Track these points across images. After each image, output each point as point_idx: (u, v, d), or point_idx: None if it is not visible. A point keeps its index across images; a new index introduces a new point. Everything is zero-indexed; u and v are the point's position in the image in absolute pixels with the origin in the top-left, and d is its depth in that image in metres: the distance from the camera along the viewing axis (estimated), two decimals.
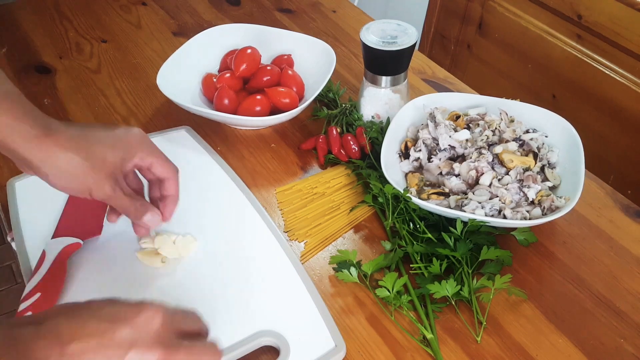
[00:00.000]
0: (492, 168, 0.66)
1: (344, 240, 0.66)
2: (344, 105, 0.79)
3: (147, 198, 0.59)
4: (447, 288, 0.57)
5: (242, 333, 0.54)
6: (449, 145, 0.68)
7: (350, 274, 0.59)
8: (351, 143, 0.73)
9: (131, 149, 0.54)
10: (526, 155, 0.67)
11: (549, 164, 0.68)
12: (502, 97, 0.74)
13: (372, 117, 0.77)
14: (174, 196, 0.57)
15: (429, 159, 0.68)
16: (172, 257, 0.61)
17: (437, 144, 0.69)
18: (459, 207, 0.63)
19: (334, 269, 0.61)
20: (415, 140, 0.71)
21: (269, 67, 0.82)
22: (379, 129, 0.74)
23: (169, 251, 0.61)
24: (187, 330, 0.42)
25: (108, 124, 0.55)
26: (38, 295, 0.54)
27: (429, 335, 0.55)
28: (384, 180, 0.65)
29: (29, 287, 0.55)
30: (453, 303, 0.58)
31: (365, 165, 0.71)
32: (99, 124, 0.55)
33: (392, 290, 0.56)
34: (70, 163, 0.49)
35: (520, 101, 0.74)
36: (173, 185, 0.57)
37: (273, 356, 0.54)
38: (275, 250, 0.62)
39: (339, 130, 0.75)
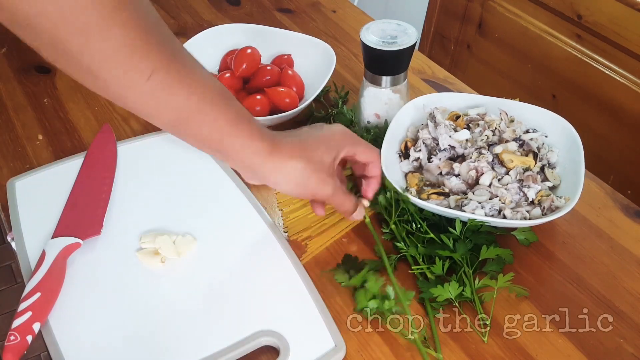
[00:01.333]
0: (492, 168, 0.66)
1: (344, 240, 0.66)
2: (330, 110, 0.79)
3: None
4: (450, 290, 0.56)
5: (242, 333, 0.54)
6: (449, 145, 0.68)
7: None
8: None
9: (339, 146, 0.59)
10: (526, 155, 0.67)
11: (548, 164, 0.68)
12: (502, 97, 0.74)
13: (368, 121, 0.77)
14: (377, 177, 0.64)
15: (429, 159, 0.68)
16: (171, 257, 0.61)
17: (437, 144, 0.69)
18: (459, 207, 0.63)
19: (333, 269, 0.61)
20: (415, 140, 0.71)
21: (269, 67, 0.82)
22: (375, 137, 0.73)
23: (168, 251, 0.61)
24: None
25: (312, 126, 0.60)
26: (38, 295, 0.55)
27: (411, 337, 0.54)
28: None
29: (28, 287, 0.55)
30: (457, 304, 0.58)
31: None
32: (305, 128, 0.59)
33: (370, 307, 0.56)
34: (296, 169, 0.55)
35: (520, 101, 0.74)
36: (376, 167, 0.63)
37: (273, 356, 0.54)
38: (275, 250, 0.62)
39: None
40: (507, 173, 0.65)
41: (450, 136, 0.68)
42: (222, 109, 0.50)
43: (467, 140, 0.68)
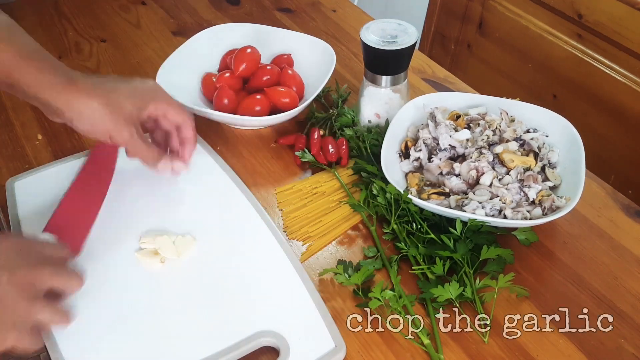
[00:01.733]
0: (493, 168, 0.66)
1: (344, 240, 0.65)
2: (331, 111, 0.79)
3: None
4: (451, 290, 0.56)
5: (242, 333, 0.54)
6: (450, 145, 0.68)
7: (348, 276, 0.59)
8: (330, 146, 0.73)
9: (146, 98, 0.60)
10: (527, 155, 0.67)
11: (549, 163, 0.68)
12: (502, 97, 0.74)
13: (369, 121, 0.77)
14: (190, 138, 0.64)
15: (429, 159, 0.68)
16: (171, 257, 0.61)
17: (438, 144, 0.69)
18: (460, 207, 0.63)
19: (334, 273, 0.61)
20: (415, 140, 0.71)
21: (268, 67, 0.82)
22: (376, 137, 0.73)
23: (168, 251, 0.61)
24: (51, 256, 0.51)
25: (125, 77, 0.61)
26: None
27: (425, 341, 0.54)
28: (385, 181, 0.65)
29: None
30: (457, 305, 0.57)
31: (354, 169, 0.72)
32: (115, 76, 0.61)
33: (382, 299, 0.56)
34: (90, 108, 0.56)
35: (521, 101, 0.74)
36: (188, 129, 0.63)
37: (273, 356, 0.54)
38: (275, 250, 0.62)
39: (322, 132, 0.75)
40: (507, 173, 0.65)
41: (450, 136, 0.68)
42: (18, 50, 0.56)
43: (467, 140, 0.68)
